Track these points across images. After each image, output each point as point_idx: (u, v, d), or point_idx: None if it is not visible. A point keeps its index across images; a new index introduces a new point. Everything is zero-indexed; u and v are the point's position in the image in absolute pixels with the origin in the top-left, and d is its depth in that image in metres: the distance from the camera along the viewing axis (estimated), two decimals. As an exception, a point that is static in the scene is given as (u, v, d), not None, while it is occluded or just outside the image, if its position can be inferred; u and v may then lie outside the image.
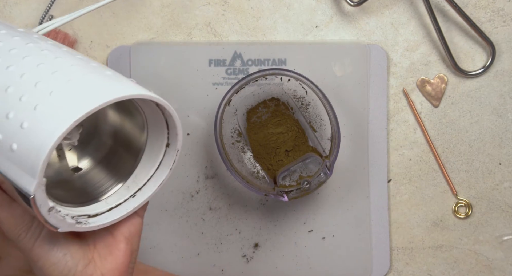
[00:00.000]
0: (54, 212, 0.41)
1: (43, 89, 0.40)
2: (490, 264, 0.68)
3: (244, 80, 0.62)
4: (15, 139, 0.39)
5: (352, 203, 0.67)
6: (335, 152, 0.62)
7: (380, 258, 0.67)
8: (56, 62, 0.43)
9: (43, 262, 0.44)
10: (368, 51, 0.67)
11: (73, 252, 0.45)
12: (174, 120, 0.47)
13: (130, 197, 0.49)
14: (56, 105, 0.39)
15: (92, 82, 0.41)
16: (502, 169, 0.68)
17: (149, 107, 0.47)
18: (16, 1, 0.67)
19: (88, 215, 0.46)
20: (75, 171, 0.53)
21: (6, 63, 0.42)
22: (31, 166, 0.38)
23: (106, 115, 0.53)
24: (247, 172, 0.65)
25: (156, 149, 0.50)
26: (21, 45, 0.44)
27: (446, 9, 0.68)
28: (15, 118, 0.39)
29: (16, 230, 0.44)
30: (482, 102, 0.68)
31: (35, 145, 0.38)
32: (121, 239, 0.48)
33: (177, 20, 0.68)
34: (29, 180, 0.39)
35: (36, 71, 0.41)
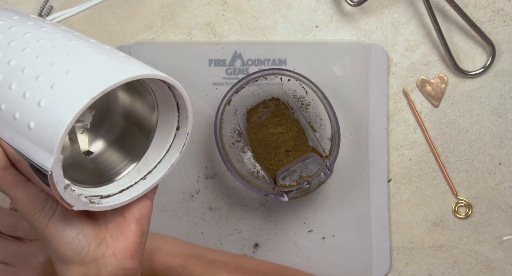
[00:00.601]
0: (69, 190, 0.42)
1: (59, 69, 0.41)
2: (490, 264, 0.68)
3: (244, 80, 0.62)
4: (32, 117, 0.40)
5: (352, 203, 0.67)
6: (335, 152, 0.62)
7: (380, 258, 0.67)
8: (70, 44, 0.44)
9: (57, 241, 0.45)
10: (368, 51, 0.67)
11: (86, 231, 0.46)
12: (185, 102, 0.47)
13: (141, 179, 0.50)
14: (73, 84, 0.40)
15: (106, 62, 0.42)
16: (502, 169, 0.68)
17: (160, 90, 0.48)
18: (16, 1, 0.67)
19: (100, 196, 0.47)
20: (86, 155, 0.54)
21: (22, 45, 0.43)
22: (49, 143, 0.39)
23: (117, 98, 0.54)
24: (247, 172, 0.65)
25: (166, 132, 0.50)
26: (35, 29, 0.45)
27: (446, 9, 0.68)
28: (32, 97, 0.40)
29: (31, 209, 0.45)
30: (482, 102, 0.68)
31: (52, 122, 0.39)
32: (132, 221, 0.48)
33: (177, 20, 0.68)
34: (46, 156, 0.40)
35: (51, 52, 0.42)
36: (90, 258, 0.46)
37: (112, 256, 0.47)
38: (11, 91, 0.41)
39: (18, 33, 0.45)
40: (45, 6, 0.66)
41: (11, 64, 0.42)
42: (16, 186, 0.44)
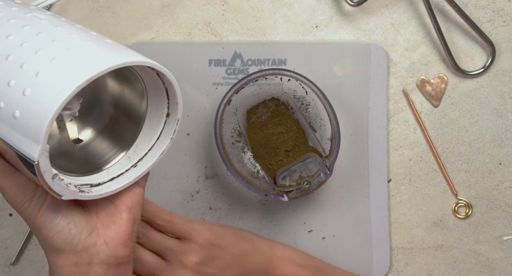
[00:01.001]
0: (57, 179, 0.42)
1: (44, 56, 0.40)
2: (490, 264, 0.68)
3: (244, 80, 0.62)
4: (17, 106, 0.39)
5: (352, 203, 0.67)
6: (335, 152, 0.62)
7: (380, 258, 0.67)
8: (55, 30, 0.43)
9: (47, 231, 0.45)
10: (368, 51, 0.67)
11: (76, 220, 0.46)
12: (174, 89, 0.47)
13: (131, 167, 0.50)
14: (58, 72, 0.39)
15: (93, 49, 0.42)
16: (502, 169, 0.68)
17: (149, 76, 0.48)
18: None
19: (90, 184, 0.47)
20: (76, 143, 0.53)
21: (5, 32, 0.42)
22: (35, 132, 0.39)
23: (106, 85, 0.53)
24: (247, 172, 0.65)
25: (156, 119, 0.50)
26: (19, 15, 0.44)
27: (446, 9, 0.68)
28: (17, 86, 0.40)
29: (19, 199, 0.44)
30: (482, 102, 0.68)
31: (38, 111, 0.38)
32: (123, 209, 0.48)
33: (177, 20, 0.68)
34: (32, 146, 0.39)
35: (36, 39, 0.41)
36: (82, 247, 0.46)
37: (104, 244, 0.47)
38: None
39: (2, 20, 0.44)
40: None
41: None
42: (4, 175, 0.44)
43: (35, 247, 0.67)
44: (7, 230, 0.67)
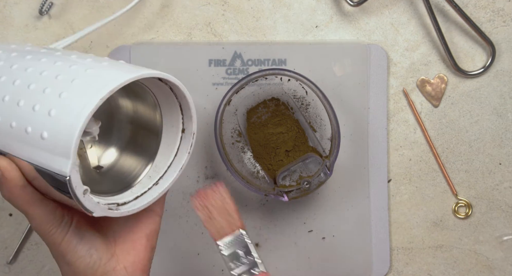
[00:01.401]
0: (88, 195, 0.43)
1: (65, 79, 0.43)
2: (490, 264, 0.68)
3: (244, 80, 0.62)
4: (44, 127, 0.41)
5: (352, 203, 0.67)
6: (335, 152, 0.62)
7: (380, 258, 0.67)
8: (71, 59, 0.46)
9: (70, 256, 0.47)
10: (368, 51, 0.67)
11: (97, 246, 0.48)
12: (187, 101, 0.49)
13: (153, 185, 0.52)
14: (80, 90, 0.42)
15: (109, 67, 0.44)
16: (502, 169, 0.68)
17: (162, 93, 0.50)
18: (16, 1, 0.67)
19: (117, 203, 0.48)
20: (97, 169, 0.55)
21: (24, 66, 0.45)
22: (64, 148, 0.41)
23: (120, 107, 0.55)
24: (247, 172, 0.65)
25: (172, 135, 0.52)
26: (34, 52, 0.48)
27: (446, 9, 0.68)
28: (42, 109, 0.42)
29: (47, 226, 0.46)
30: (482, 102, 0.68)
31: (65, 128, 0.41)
32: (142, 236, 0.50)
33: (177, 20, 0.68)
34: (63, 162, 0.41)
35: (54, 67, 0.44)
36: (101, 272, 0.48)
37: (123, 269, 0.48)
38: (20, 108, 0.43)
39: (19, 58, 0.47)
40: (45, 3, 0.66)
41: (16, 84, 0.44)
42: (33, 204, 0.45)
43: (35, 247, 0.67)
44: (7, 230, 0.67)
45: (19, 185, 0.44)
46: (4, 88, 0.44)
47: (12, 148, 0.44)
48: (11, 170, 0.44)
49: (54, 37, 0.67)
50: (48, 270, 0.68)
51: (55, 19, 0.67)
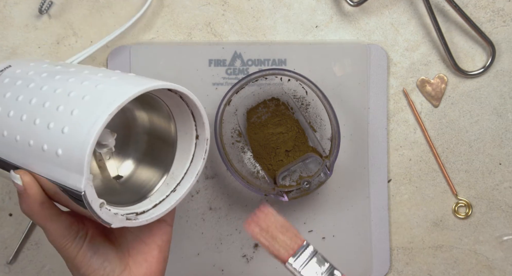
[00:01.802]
0: (105, 208, 0.45)
1: (76, 96, 0.44)
2: (490, 264, 0.68)
3: (244, 80, 0.62)
4: (59, 145, 0.43)
5: (352, 203, 0.67)
6: (335, 152, 0.62)
7: (380, 258, 0.67)
8: (84, 75, 0.47)
9: (85, 269, 0.48)
10: (368, 51, 0.67)
11: (111, 259, 0.49)
12: (199, 109, 0.51)
13: (171, 192, 0.53)
14: (90, 106, 0.43)
15: (118, 82, 0.46)
16: (502, 169, 0.68)
17: (174, 103, 0.51)
18: (16, 1, 0.67)
19: (136, 213, 0.49)
20: (117, 179, 0.56)
21: (40, 85, 0.47)
22: (77, 164, 0.42)
23: (136, 118, 0.57)
24: (247, 172, 0.65)
25: (187, 143, 0.53)
26: (50, 69, 0.50)
27: (446, 9, 0.68)
28: (56, 126, 0.43)
29: (63, 240, 0.47)
30: (482, 102, 0.68)
31: (77, 145, 0.42)
32: (154, 247, 0.51)
33: (177, 20, 0.68)
34: (77, 178, 0.42)
35: (67, 84, 0.46)
36: None
37: None
38: (36, 126, 0.45)
39: (35, 76, 0.49)
40: (45, 2, 0.66)
41: (32, 102, 0.46)
42: (50, 219, 0.47)
43: (35, 247, 0.67)
44: (7, 230, 0.67)
45: (38, 201, 0.46)
46: (21, 107, 0.46)
47: (32, 165, 0.45)
48: (33, 186, 0.45)
49: (54, 37, 0.67)
50: (48, 270, 0.68)
51: (55, 19, 0.67)
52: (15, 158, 0.46)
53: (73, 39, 0.67)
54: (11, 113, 0.46)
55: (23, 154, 0.45)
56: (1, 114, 0.47)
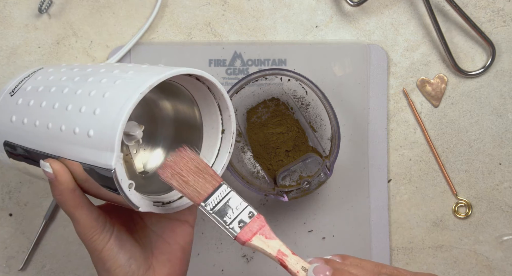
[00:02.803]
0: (133, 190, 0.45)
1: (108, 82, 0.46)
2: (490, 264, 0.68)
3: (244, 80, 0.62)
4: (90, 126, 0.44)
5: (352, 203, 0.67)
6: (335, 152, 0.62)
7: (380, 258, 0.67)
8: (114, 65, 0.49)
9: (111, 264, 0.48)
10: (368, 51, 0.67)
11: (137, 256, 0.49)
12: (225, 101, 0.51)
13: None
14: (122, 88, 0.45)
15: (148, 69, 0.47)
16: (502, 169, 0.68)
17: (201, 93, 0.52)
18: (16, 1, 0.67)
19: (162, 202, 0.50)
20: (143, 174, 0.57)
21: (72, 77, 0.49)
22: (109, 141, 0.43)
23: (162, 110, 0.57)
24: (247, 172, 0.65)
25: (213, 137, 0.54)
26: (81, 66, 0.52)
27: (446, 9, 0.68)
28: (87, 109, 0.45)
29: (90, 231, 0.47)
30: (482, 102, 0.68)
31: (109, 123, 0.43)
32: (177, 248, 0.51)
33: (177, 20, 0.68)
34: (108, 155, 0.43)
35: (99, 74, 0.48)
36: None
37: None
38: (68, 112, 0.46)
39: (67, 72, 0.50)
40: (45, 1, 0.66)
41: (65, 92, 0.47)
42: (80, 208, 0.47)
43: (35, 247, 0.67)
44: (7, 230, 0.67)
45: (70, 188, 0.46)
46: (54, 97, 0.48)
47: (62, 150, 0.46)
48: (64, 173, 0.46)
49: (54, 37, 0.67)
50: (48, 270, 0.68)
51: (55, 19, 0.67)
52: (46, 146, 0.47)
53: (73, 39, 0.67)
54: (43, 104, 0.48)
55: (54, 140, 0.46)
56: (34, 107, 0.48)
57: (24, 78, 0.53)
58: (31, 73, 0.54)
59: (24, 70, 0.55)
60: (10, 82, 0.54)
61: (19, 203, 0.67)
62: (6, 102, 0.52)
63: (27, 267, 0.67)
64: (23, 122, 0.49)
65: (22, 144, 0.49)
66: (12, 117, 0.50)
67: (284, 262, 0.44)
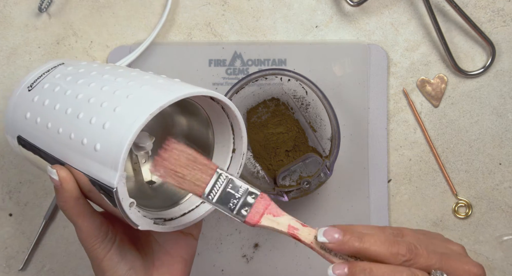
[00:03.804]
0: (134, 208, 0.45)
1: (121, 94, 0.45)
2: (490, 264, 0.68)
3: (244, 80, 0.62)
4: (98, 139, 0.44)
5: (352, 203, 0.67)
6: (335, 152, 0.62)
7: (380, 258, 0.67)
8: (131, 75, 0.49)
9: (110, 274, 0.48)
10: (368, 51, 0.67)
11: (137, 268, 0.49)
12: (238, 122, 0.50)
13: (201, 203, 0.52)
14: (133, 105, 0.44)
15: (163, 85, 0.47)
16: (502, 169, 0.68)
17: (215, 113, 0.51)
18: (16, 1, 0.67)
19: (164, 219, 0.49)
20: (149, 184, 0.56)
21: (88, 82, 0.48)
22: (113, 160, 0.42)
23: (176, 125, 0.57)
24: (247, 172, 0.65)
25: (223, 156, 0.53)
26: (99, 69, 0.51)
27: (446, 9, 0.68)
28: (98, 121, 0.44)
29: (92, 239, 0.47)
30: (482, 102, 0.68)
31: (116, 140, 0.43)
32: (179, 260, 0.51)
33: (177, 20, 0.68)
34: (111, 173, 0.43)
35: (114, 83, 0.47)
36: None
37: None
38: (79, 120, 0.45)
39: (85, 74, 0.50)
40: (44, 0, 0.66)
41: (79, 97, 0.47)
42: (83, 216, 0.47)
43: (35, 247, 0.67)
44: (7, 230, 0.67)
45: (74, 196, 0.46)
46: (68, 101, 0.47)
47: (70, 158, 0.46)
48: (69, 181, 0.46)
49: (54, 37, 0.67)
50: (48, 270, 0.68)
51: (55, 19, 0.67)
52: (56, 150, 0.47)
53: (73, 39, 0.67)
54: (57, 107, 0.48)
55: (63, 146, 0.46)
56: (48, 107, 0.48)
57: (43, 73, 0.52)
58: (50, 69, 0.53)
59: (44, 63, 0.55)
60: (29, 75, 0.53)
61: (19, 203, 0.67)
62: (23, 97, 0.51)
63: (27, 267, 0.67)
64: (36, 122, 0.49)
65: (34, 143, 0.49)
66: (27, 114, 0.50)
67: (297, 236, 0.44)
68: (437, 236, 0.47)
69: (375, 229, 0.44)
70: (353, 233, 0.42)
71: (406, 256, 0.41)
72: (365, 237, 0.42)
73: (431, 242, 0.44)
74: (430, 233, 0.47)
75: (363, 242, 0.42)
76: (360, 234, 0.42)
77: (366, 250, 0.41)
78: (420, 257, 0.41)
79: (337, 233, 0.42)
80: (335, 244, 0.42)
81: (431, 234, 0.47)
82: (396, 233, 0.44)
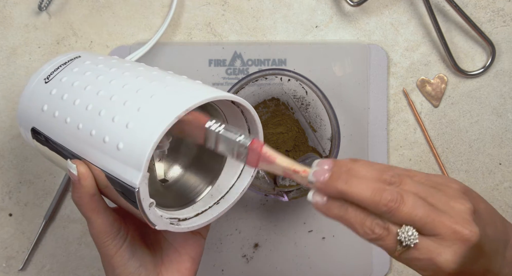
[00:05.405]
0: (153, 208, 0.45)
1: (145, 94, 0.45)
2: (490, 264, 0.68)
3: (244, 80, 0.62)
4: (121, 138, 0.43)
5: (352, 203, 0.67)
6: (335, 152, 0.62)
7: (380, 258, 0.67)
8: (152, 74, 0.48)
9: (121, 271, 0.48)
10: (368, 51, 0.67)
11: (147, 265, 0.49)
12: (257, 126, 0.50)
13: (214, 204, 0.52)
14: (158, 106, 0.44)
15: (187, 87, 0.46)
16: (502, 169, 0.68)
17: (233, 115, 0.51)
18: (16, 1, 0.67)
19: (178, 219, 0.49)
20: (162, 182, 0.56)
21: (109, 78, 0.48)
22: (137, 160, 0.42)
23: None
24: (247, 172, 0.65)
25: (235, 165, 0.53)
26: (119, 64, 0.50)
27: (446, 9, 0.68)
28: (120, 120, 0.44)
29: (104, 236, 0.47)
30: (482, 102, 0.68)
31: (140, 141, 0.42)
32: (187, 258, 0.51)
33: (177, 20, 0.68)
34: (134, 173, 0.42)
35: (136, 82, 0.46)
36: None
37: None
38: (100, 118, 0.45)
39: (104, 69, 0.49)
40: None
41: (100, 94, 0.46)
42: (97, 211, 0.47)
43: (35, 247, 0.67)
44: (7, 230, 0.67)
45: (90, 193, 0.46)
46: (88, 97, 0.47)
47: (89, 154, 0.46)
48: (87, 178, 0.46)
49: (54, 37, 0.67)
50: (48, 270, 0.68)
51: (55, 19, 0.67)
52: (74, 146, 0.47)
53: (73, 39, 0.67)
54: (77, 102, 0.47)
55: (83, 142, 0.46)
56: (67, 102, 0.47)
57: (60, 66, 0.51)
58: (67, 61, 0.52)
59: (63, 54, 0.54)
60: (45, 67, 0.52)
61: (19, 203, 0.67)
62: (39, 89, 0.50)
63: (27, 267, 0.67)
64: (54, 115, 0.48)
65: (49, 136, 0.49)
66: (44, 106, 0.49)
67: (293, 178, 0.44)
68: (447, 190, 0.43)
69: (375, 171, 0.41)
70: (341, 175, 0.41)
71: (387, 206, 0.40)
72: (353, 180, 0.40)
73: (432, 194, 0.42)
74: (444, 183, 0.43)
75: (349, 185, 0.40)
76: (348, 176, 0.40)
77: (349, 194, 0.40)
78: (402, 210, 0.40)
79: (327, 164, 0.41)
80: (321, 183, 0.41)
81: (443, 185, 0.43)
82: (394, 180, 0.41)
